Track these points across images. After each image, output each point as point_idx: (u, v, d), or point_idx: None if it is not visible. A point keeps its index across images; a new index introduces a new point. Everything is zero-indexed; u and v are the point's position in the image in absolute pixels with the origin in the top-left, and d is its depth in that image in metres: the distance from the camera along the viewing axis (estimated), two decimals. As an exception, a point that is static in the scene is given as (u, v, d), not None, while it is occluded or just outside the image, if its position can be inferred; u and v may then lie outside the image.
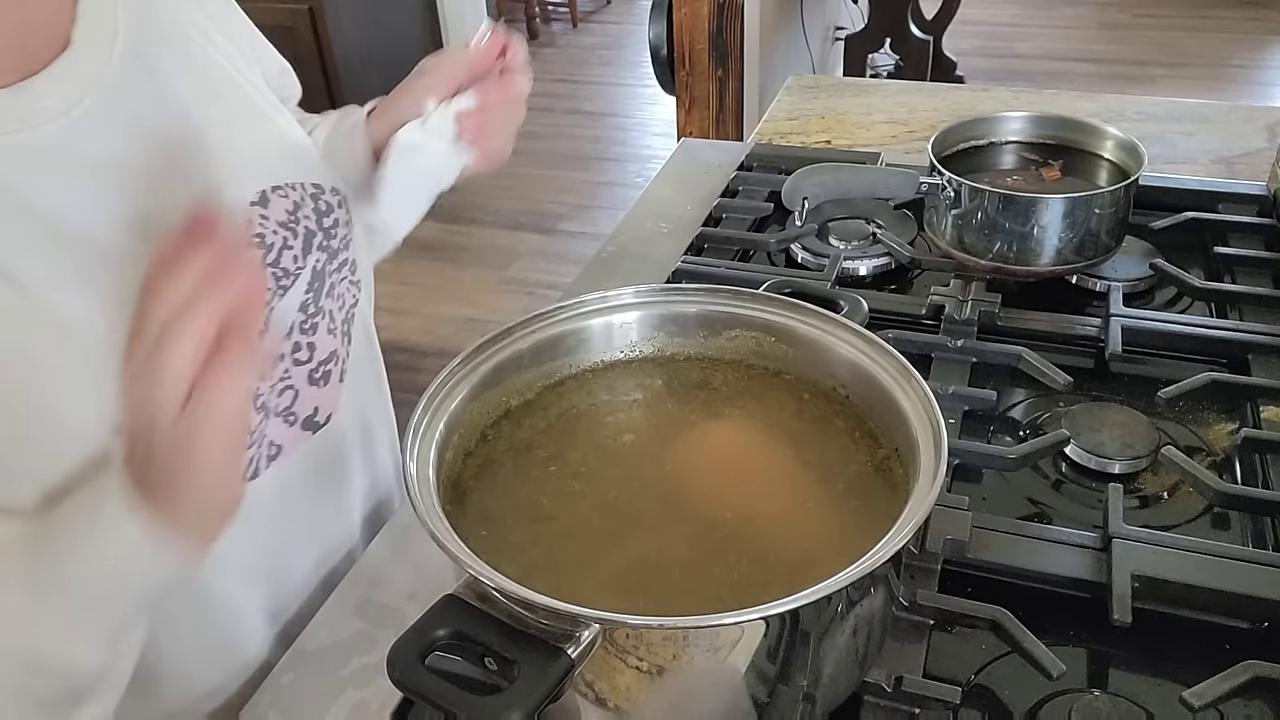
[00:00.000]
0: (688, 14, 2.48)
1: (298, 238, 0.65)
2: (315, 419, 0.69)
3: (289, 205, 0.65)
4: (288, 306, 0.65)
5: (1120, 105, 1.51)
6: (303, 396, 0.67)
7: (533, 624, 0.50)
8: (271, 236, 0.63)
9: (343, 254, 0.70)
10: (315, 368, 0.68)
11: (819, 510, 0.64)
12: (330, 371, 0.70)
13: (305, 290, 0.66)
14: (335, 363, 0.70)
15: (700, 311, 0.75)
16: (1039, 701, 0.65)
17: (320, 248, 0.67)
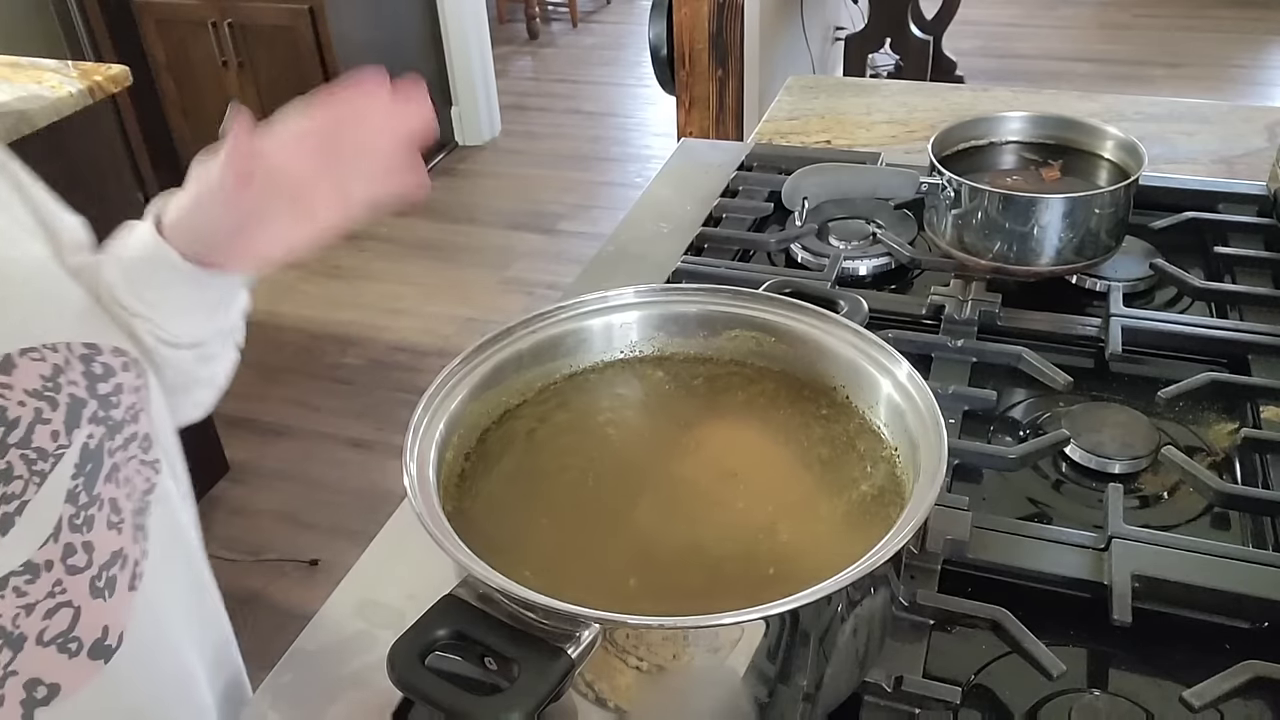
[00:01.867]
0: (688, 14, 2.48)
1: (58, 409, 0.52)
2: (105, 642, 0.55)
3: (45, 370, 0.53)
4: (50, 497, 0.51)
5: (1120, 105, 1.51)
6: (85, 614, 0.53)
7: (533, 624, 0.50)
8: (17, 409, 0.50)
9: (130, 427, 0.57)
10: (96, 574, 0.54)
11: (819, 510, 0.64)
12: (116, 578, 0.55)
13: (73, 475, 0.53)
14: (123, 566, 0.56)
15: (700, 311, 0.75)
16: (1039, 701, 0.65)
17: (94, 420, 0.54)
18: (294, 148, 0.57)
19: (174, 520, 0.63)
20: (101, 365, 0.56)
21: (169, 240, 0.59)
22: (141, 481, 0.59)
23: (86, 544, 0.54)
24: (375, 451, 2.49)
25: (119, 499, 0.56)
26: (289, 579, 2.12)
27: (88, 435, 0.54)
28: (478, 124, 3.98)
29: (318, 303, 3.05)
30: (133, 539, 0.57)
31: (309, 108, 0.57)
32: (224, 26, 3.28)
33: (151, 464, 0.60)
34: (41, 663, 0.51)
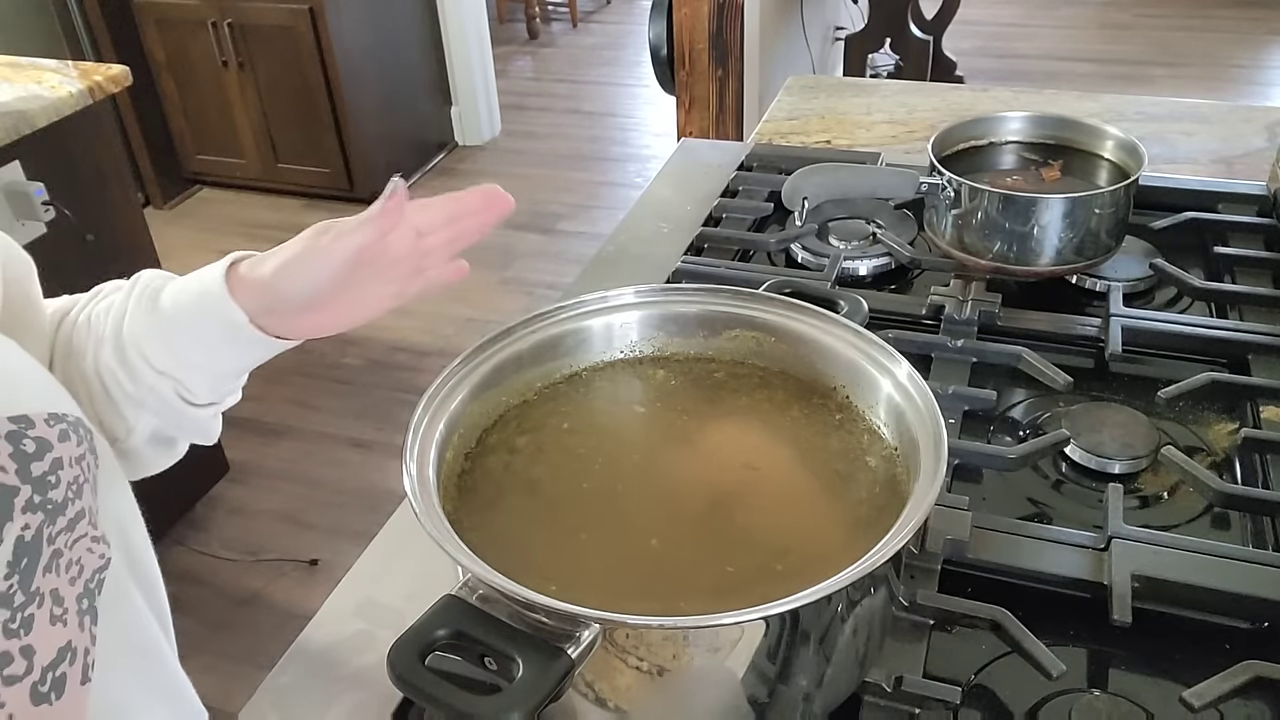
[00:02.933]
0: (688, 14, 2.48)
1: None
2: None
3: None
4: None
5: (1120, 105, 1.51)
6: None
7: (533, 624, 0.50)
8: None
9: (74, 505, 0.51)
10: (39, 679, 0.49)
11: (819, 510, 0.64)
12: (65, 676, 0.50)
13: (5, 575, 0.47)
14: (72, 660, 0.51)
15: (700, 311, 0.75)
16: (1039, 701, 0.65)
17: (30, 508, 0.48)
18: (409, 231, 0.60)
19: (124, 591, 0.58)
20: (33, 441, 0.49)
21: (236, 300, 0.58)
22: (93, 560, 0.53)
23: (25, 648, 0.48)
24: (375, 451, 2.49)
25: (60, 588, 0.51)
26: (289, 579, 2.12)
27: (22, 527, 0.48)
28: (478, 124, 3.98)
29: (318, 303, 3.05)
30: (79, 627, 0.52)
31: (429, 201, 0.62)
32: (224, 26, 3.27)
33: (101, 539, 0.55)
34: None
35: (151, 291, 0.60)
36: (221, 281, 0.58)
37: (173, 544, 2.19)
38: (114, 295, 0.63)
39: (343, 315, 0.62)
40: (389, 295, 0.62)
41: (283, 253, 0.58)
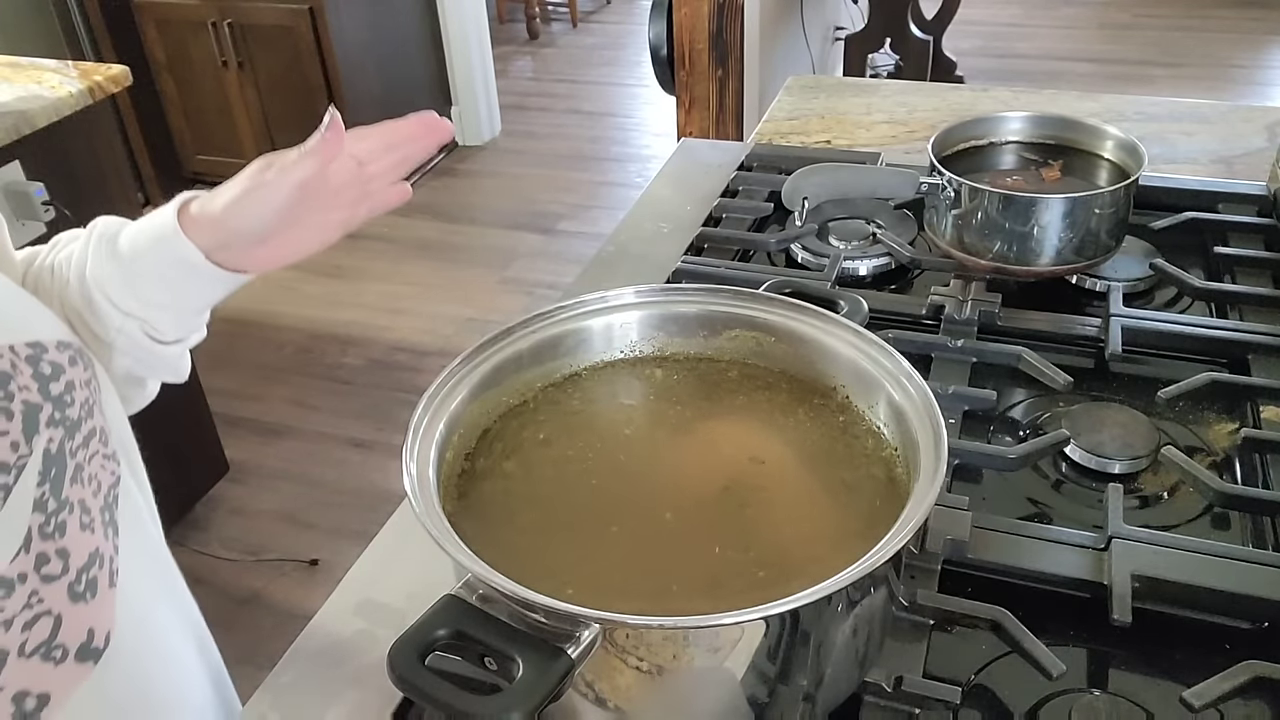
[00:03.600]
0: (688, 14, 2.48)
1: (13, 418, 0.51)
2: (92, 645, 0.55)
3: None
4: (16, 510, 0.51)
5: (1120, 105, 1.51)
6: (67, 621, 0.53)
7: (533, 624, 0.50)
8: None
9: (87, 424, 0.56)
10: (75, 579, 0.54)
11: (819, 510, 0.64)
12: (96, 579, 0.55)
13: (38, 483, 0.52)
14: (101, 565, 0.56)
15: (700, 311, 0.75)
16: (1039, 701, 0.65)
17: (52, 423, 0.53)
18: (349, 161, 0.63)
19: (136, 509, 0.63)
20: (49, 364, 0.55)
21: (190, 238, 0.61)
22: (107, 476, 0.59)
23: (60, 550, 0.53)
24: (375, 451, 2.49)
25: (85, 499, 0.55)
26: (289, 579, 2.12)
27: (48, 440, 0.53)
28: (478, 124, 3.98)
29: (318, 303, 3.05)
30: (105, 536, 0.57)
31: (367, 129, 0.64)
32: (224, 26, 3.27)
33: (112, 457, 0.60)
34: (27, 674, 0.51)
35: (109, 237, 0.62)
36: (174, 222, 0.61)
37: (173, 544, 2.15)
38: (72, 245, 0.65)
39: (294, 246, 0.65)
40: (336, 223, 0.66)
41: (230, 190, 0.61)
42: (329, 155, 0.61)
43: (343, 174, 0.64)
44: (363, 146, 0.65)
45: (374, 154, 0.65)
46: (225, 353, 2.78)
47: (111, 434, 0.60)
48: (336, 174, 0.63)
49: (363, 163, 0.65)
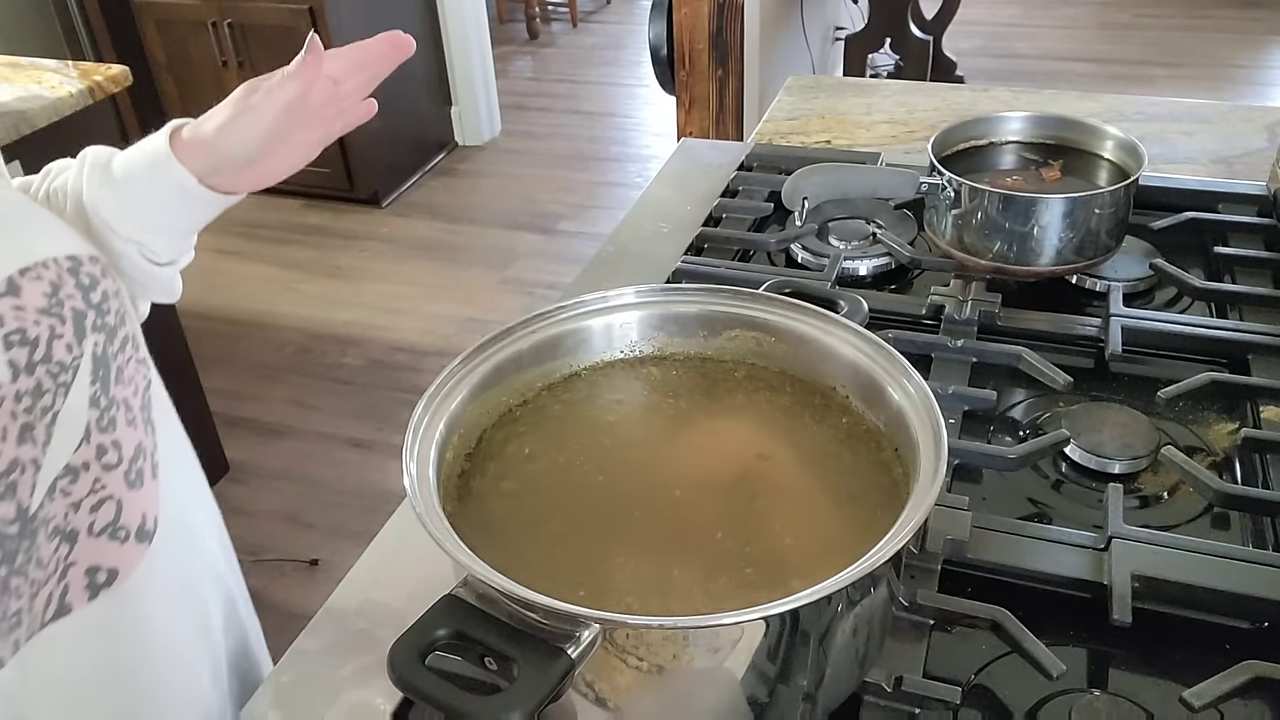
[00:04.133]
0: (688, 14, 2.48)
1: (65, 323, 0.55)
2: (145, 528, 0.61)
3: (45, 288, 0.55)
4: (76, 405, 0.55)
5: (1120, 105, 1.51)
6: (127, 505, 0.59)
7: (533, 624, 0.50)
8: (34, 328, 0.53)
9: (122, 330, 0.61)
10: (127, 468, 0.59)
11: (819, 510, 0.64)
12: (143, 469, 0.61)
13: (91, 382, 0.57)
14: (145, 458, 0.61)
15: (700, 311, 0.75)
16: (1039, 701, 0.65)
17: (95, 329, 0.58)
18: (326, 81, 0.68)
19: (166, 413, 0.68)
20: (87, 275, 0.59)
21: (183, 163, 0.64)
22: (141, 379, 0.63)
23: (114, 442, 0.58)
24: (375, 451, 2.49)
25: (128, 398, 0.61)
26: (289, 579, 2.12)
27: (94, 343, 0.58)
28: (478, 124, 3.98)
29: (318, 303, 3.05)
30: (145, 433, 0.62)
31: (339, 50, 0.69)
32: (224, 26, 3.28)
33: (144, 362, 0.64)
34: (97, 551, 0.56)
35: (102, 164, 0.66)
36: (167, 149, 0.64)
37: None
38: (65, 174, 0.68)
39: (278, 165, 0.69)
40: (315, 141, 0.70)
41: (219, 114, 0.65)
42: (310, 77, 0.64)
43: (321, 94, 0.68)
44: (336, 66, 0.69)
45: (346, 73, 0.70)
46: (225, 353, 2.78)
47: (141, 342, 0.65)
48: (316, 94, 0.67)
49: (337, 81, 0.69)
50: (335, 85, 0.69)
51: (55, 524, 0.54)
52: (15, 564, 0.50)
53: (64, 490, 0.54)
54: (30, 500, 0.52)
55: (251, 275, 3.13)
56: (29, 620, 0.52)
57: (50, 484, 0.53)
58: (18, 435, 0.51)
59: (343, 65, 0.70)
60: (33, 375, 0.52)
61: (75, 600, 0.55)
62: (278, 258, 3.23)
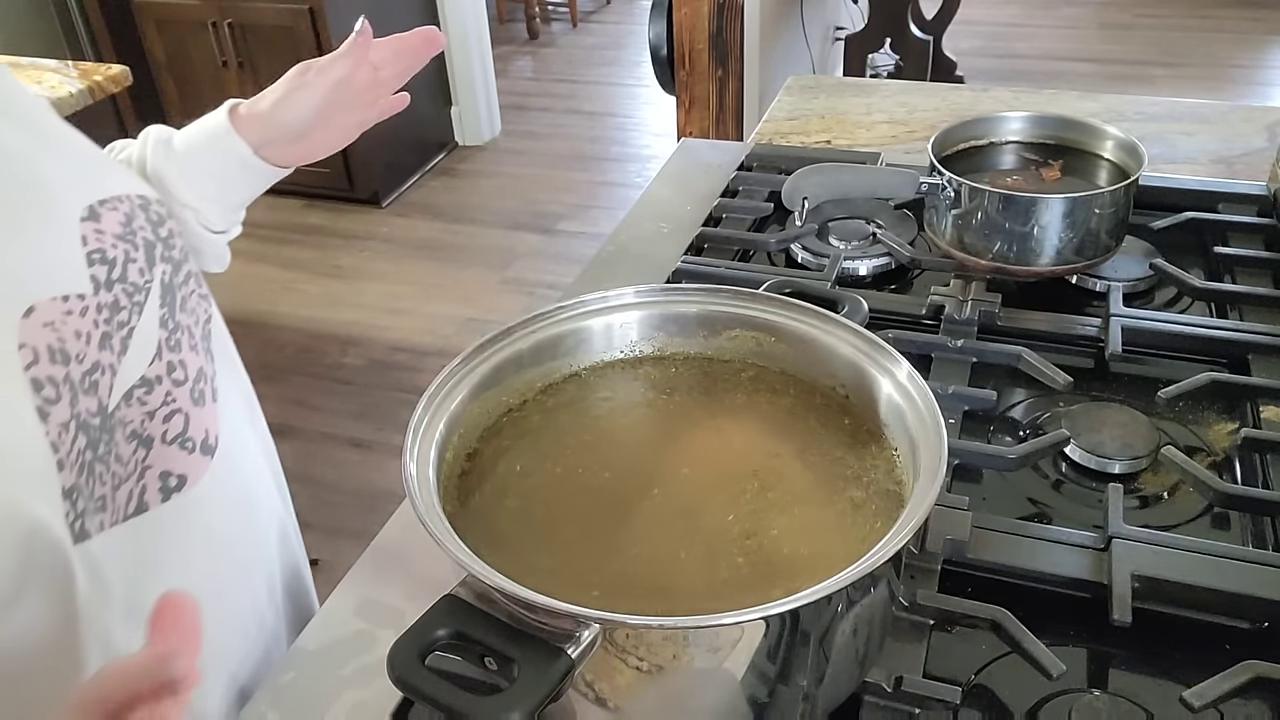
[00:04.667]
0: (688, 14, 2.48)
1: (138, 249, 0.61)
2: (209, 442, 0.66)
3: (121, 218, 0.61)
4: (148, 324, 0.61)
5: (1120, 105, 1.51)
6: (193, 419, 0.64)
7: (533, 624, 0.50)
8: (112, 250, 0.59)
9: (185, 266, 0.67)
10: (192, 387, 0.64)
11: (819, 510, 0.64)
12: (204, 391, 0.66)
13: (160, 305, 0.62)
14: (206, 381, 0.67)
15: (700, 311, 0.75)
16: (1039, 701, 0.65)
17: (163, 259, 0.64)
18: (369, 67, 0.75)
19: (226, 347, 0.74)
20: (155, 213, 0.65)
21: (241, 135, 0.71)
22: (202, 312, 0.69)
23: (181, 362, 0.64)
24: (375, 451, 2.49)
25: (191, 325, 0.66)
26: (289, 579, 2.12)
27: (162, 271, 0.63)
28: (478, 124, 3.98)
29: (318, 303, 3.05)
30: (205, 359, 0.68)
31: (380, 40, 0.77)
32: (224, 26, 3.28)
33: (205, 297, 0.71)
34: (169, 458, 0.62)
35: (164, 140, 0.73)
36: (227, 122, 0.72)
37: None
38: (129, 149, 0.74)
39: (322, 142, 0.76)
40: (355, 125, 0.78)
41: (275, 91, 0.73)
42: (360, 56, 0.73)
43: (364, 78, 0.76)
44: (377, 54, 0.77)
45: (386, 61, 0.78)
46: (225, 353, 2.78)
47: (203, 280, 0.71)
48: (360, 78, 0.75)
49: (377, 68, 0.77)
50: (375, 71, 0.77)
51: (133, 428, 0.59)
52: (98, 451, 0.55)
53: (140, 400, 0.59)
54: (109, 400, 0.57)
55: (251, 275, 3.13)
56: (113, 508, 0.57)
57: (127, 391, 0.58)
58: (99, 341, 0.56)
59: (382, 53, 0.78)
60: (111, 291, 0.58)
61: (151, 500, 0.60)
62: (278, 258, 3.23)
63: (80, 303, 0.55)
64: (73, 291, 0.55)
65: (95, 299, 0.56)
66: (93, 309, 0.56)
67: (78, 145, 0.65)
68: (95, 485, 0.55)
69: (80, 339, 0.55)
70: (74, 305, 0.55)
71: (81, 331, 0.55)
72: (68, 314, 0.54)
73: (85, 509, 0.54)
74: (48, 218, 0.56)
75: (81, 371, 0.54)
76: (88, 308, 0.56)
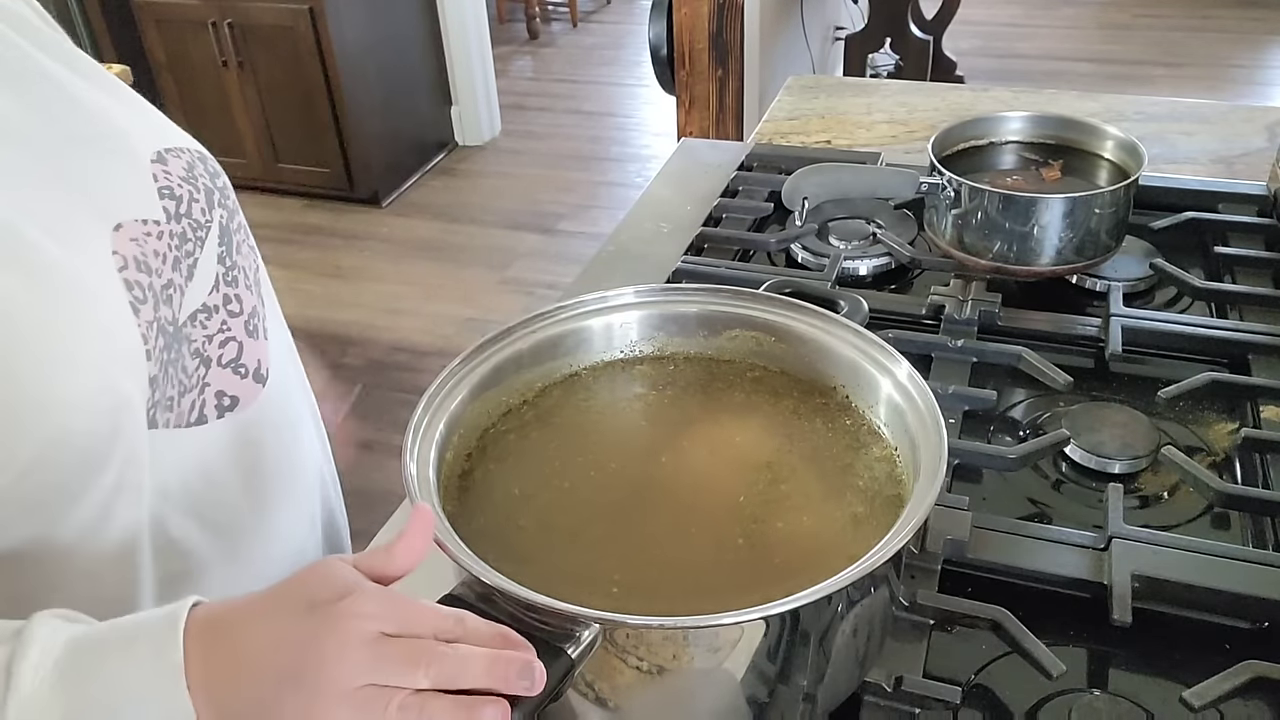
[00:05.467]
0: (688, 14, 2.48)
1: (200, 192, 0.66)
2: (260, 372, 0.70)
3: (184, 165, 0.66)
4: (209, 258, 0.65)
5: (1120, 105, 1.51)
6: (246, 349, 0.68)
7: (533, 624, 0.50)
8: (179, 189, 0.64)
9: (238, 216, 0.71)
10: (247, 320, 0.69)
11: (819, 510, 0.64)
12: (257, 326, 0.70)
13: (219, 243, 0.67)
14: (258, 319, 0.71)
15: (700, 311, 0.75)
16: (1039, 701, 0.65)
17: (220, 205, 0.68)
18: None
19: (274, 299, 0.76)
20: (211, 166, 0.70)
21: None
22: (253, 259, 0.72)
23: (236, 296, 0.67)
24: (375, 451, 2.48)
25: (245, 266, 0.70)
26: (289, 579, 2.12)
27: (220, 215, 0.67)
28: (478, 124, 3.98)
29: (318, 303, 3.05)
30: (258, 300, 0.71)
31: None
32: (224, 26, 3.28)
33: (254, 249, 0.73)
34: (224, 380, 0.65)
35: None
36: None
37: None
38: None
39: None
40: None
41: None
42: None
43: None
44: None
45: None
46: (225, 353, 2.77)
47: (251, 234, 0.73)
48: None
49: None
50: None
51: (195, 346, 0.63)
52: (171, 355, 0.60)
53: (201, 323, 0.64)
54: (178, 315, 0.61)
55: (251, 275, 3.12)
56: (178, 411, 0.61)
57: (191, 314, 0.63)
58: (172, 263, 0.61)
59: None
60: (179, 223, 0.63)
61: (209, 414, 0.64)
62: (278, 258, 3.23)
63: (157, 227, 0.61)
64: (150, 217, 0.61)
65: (168, 226, 0.62)
66: (167, 235, 0.61)
67: (139, 100, 0.69)
68: (169, 386, 0.60)
69: (158, 258, 0.60)
70: (152, 229, 0.60)
71: (159, 252, 0.60)
72: (147, 235, 0.60)
73: (158, 401, 0.59)
74: (122, 151, 0.62)
75: (160, 284, 0.60)
76: (163, 233, 0.61)
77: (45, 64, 0.61)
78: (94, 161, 0.60)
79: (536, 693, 0.46)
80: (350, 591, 0.46)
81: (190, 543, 0.64)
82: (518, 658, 0.47)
